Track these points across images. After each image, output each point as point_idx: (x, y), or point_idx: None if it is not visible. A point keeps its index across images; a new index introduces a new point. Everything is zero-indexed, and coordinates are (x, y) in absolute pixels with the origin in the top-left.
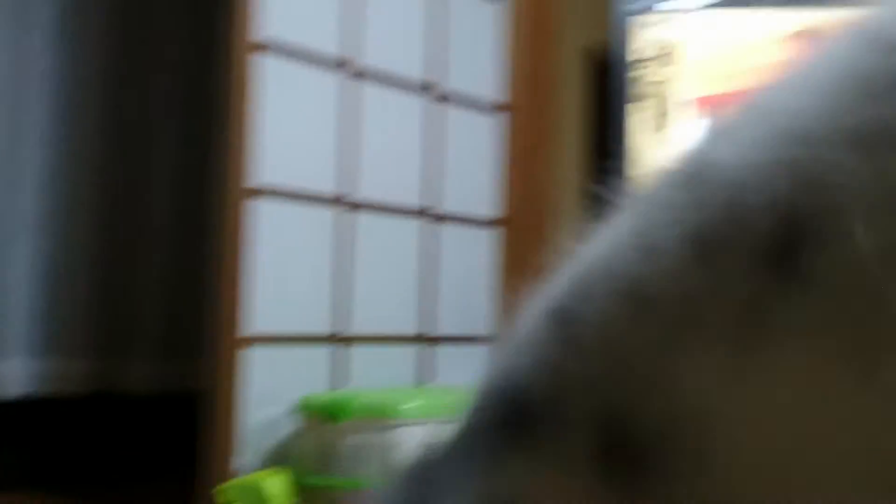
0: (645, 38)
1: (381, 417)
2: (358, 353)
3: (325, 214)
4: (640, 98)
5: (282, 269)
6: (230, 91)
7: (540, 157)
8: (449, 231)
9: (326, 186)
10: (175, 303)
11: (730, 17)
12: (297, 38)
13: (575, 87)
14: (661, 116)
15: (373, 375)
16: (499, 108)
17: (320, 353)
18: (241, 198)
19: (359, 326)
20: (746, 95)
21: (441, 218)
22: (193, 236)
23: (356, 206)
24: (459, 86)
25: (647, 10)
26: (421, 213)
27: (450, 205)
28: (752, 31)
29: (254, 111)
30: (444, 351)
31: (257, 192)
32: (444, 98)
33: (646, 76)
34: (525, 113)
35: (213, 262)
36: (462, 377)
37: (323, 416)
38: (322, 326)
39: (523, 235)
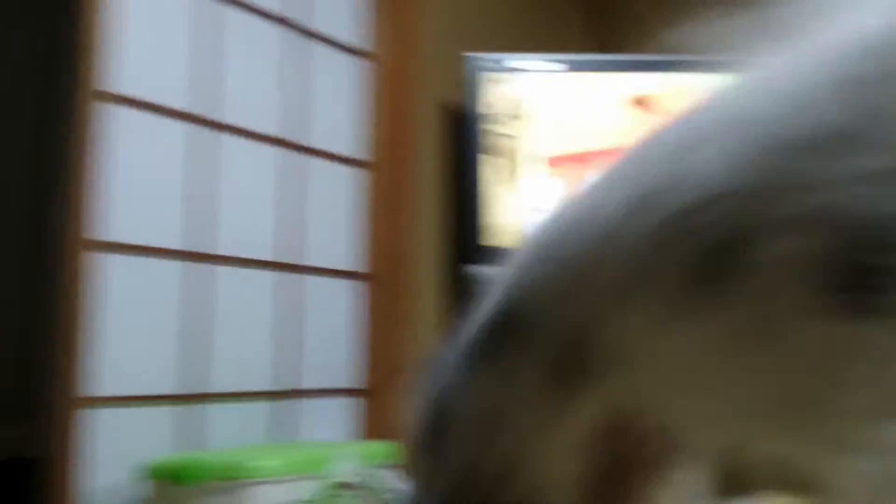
0: (497, 94)
1: (233, 478)
2: (213, 411)
3: (176, 268)
4: (493, 152)
5: (130, 325)
6: (75, 141)
7: (401, 211)
8: (312, 284)
9: (177, 241)
10: (13, 363)
11: (577, 78)
12: (148, 88)
13: (433, 141)
14: (513, 170)
15: (229, 434)
16: (360, 162)
17: (170, 414)
18: (83, 251)
19: (215, 383)
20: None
21: (303, 270)
22: (36, 292)
23: (210, 259)
24: (321, 139)
25: (499, 68)
26: (281, 265)
27: (312, 258)
28: (596, 93)
29: (99, 162)
30: (305, 406)
31: (101, 246)
32: (304, 151)
33: (498, 131)
34: (385, 167)
35: (54, 319)
36: (325, 432)
37: (171, 480)
38: (173, 385)
39: (385, 288)
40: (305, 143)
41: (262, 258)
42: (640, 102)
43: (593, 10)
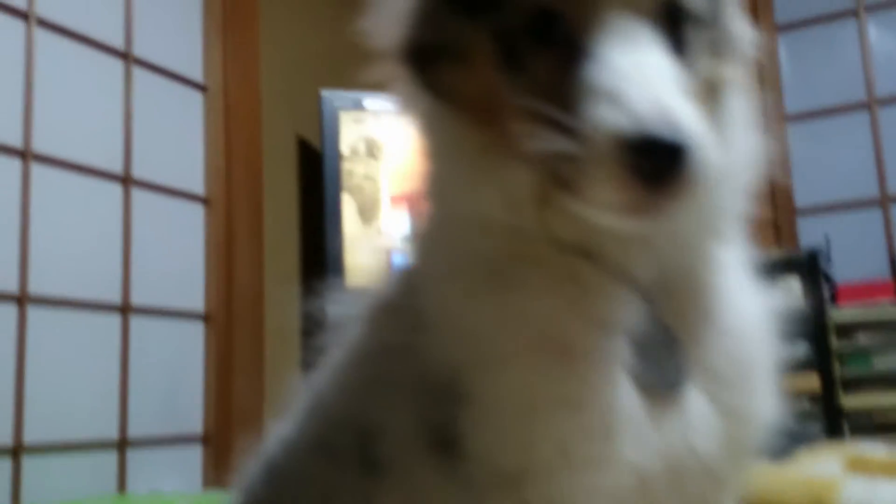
0: (354, 133)
1: None
2: (45, 463)
3: (10, 313)
4: (351, 191)
5: None
6: None
7: (250, 250)
8: (152, 326)
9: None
10: None
11: None
12: None
13: (290, 177)
14: (370, 208)
15: (62, 486)
16: (202, 199)
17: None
18: None
19: (47, 433)
20: None
21: (147, 313)
22: None
23: (37, 302)
24: (161, 175)
25: (356, 106)
26: (122, 308)
27: (156, 298)
28: None
29: None
30: (145, 455)
31: None
32: (144, 187)
33: (355, 169)
34: (233, 204)
35: None
36: (167, 480)
37: None
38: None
39: (233, 330)
40: (144, 177)
41: (105, 299)
42: None
43: None
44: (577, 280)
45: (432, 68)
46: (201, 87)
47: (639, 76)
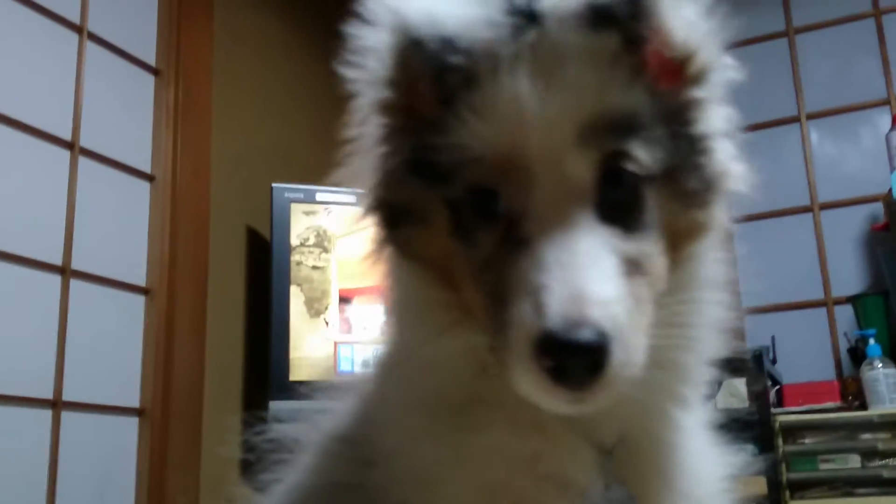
0: (305, 224)
1: None
2: None
3: None
4: (299, 281)
5: None
6: None
7: (191, 342)
8: (85, 421)
9: None
10: None
11: None
12: None
13: (238, 268)
14: (319, 300)
15: None
16: (140, 289)
17: None
18: None
19: None
20: None
21: (82, 408)
22: None
23: None
24: (102, 265)
25: (306, 199)
26: (53, 402)
27: (86, 392)
28: None
29: None
30: None
31: None
32: (83, 278)
33: (304, 261)
34: (172, 295)
35: None
36: None
37: None
38: None
39: (166, 426)
40: (86, 267)
41: (36, 393)
42: None
43: None
44: (540, 430)
45: (398, 227)
46: (149, 177)
47: (562, 271)
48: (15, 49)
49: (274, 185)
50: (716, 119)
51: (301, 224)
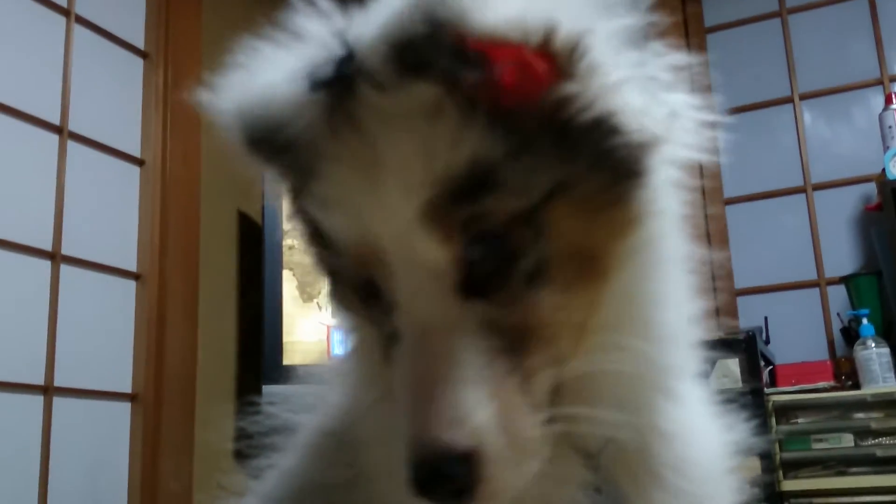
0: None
1: None
2: None
3: None
4: (291, 266)
5: None
6: None
7: (183, 327)
8: (77, 407)
9: None
10: None
11: None
12: None
13: (229, 253)
14: (312, 285)
15: None
16: (134, 275)
17: None
18: None
19: None
20: None
21: (67, 392)
22: None
23: None
24: (93, 251)
25: None
26: (45, 388)
27: (78, 378)
28: None
29: None
30: None
31: None
32: (73, 263)
33: (297, 246)
34: (163, 280)
35: None
36: None
37: None
38: None
39: (159, 411)
40: (75, 252)
41: (28, 379)
42: None
43: None
44: None
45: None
46: (138, 161)
47: (422, 388)
48: (2, 33)
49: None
50: (615, 89)
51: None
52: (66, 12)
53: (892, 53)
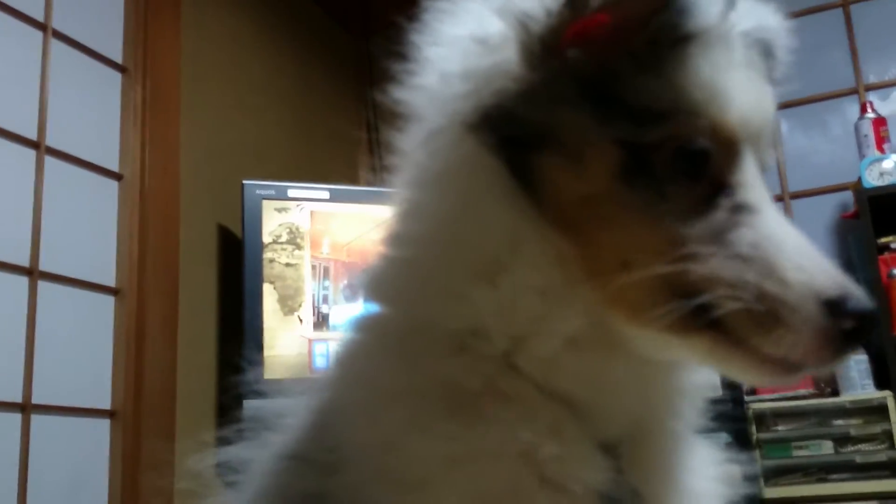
0: (277, 222)
1: None
2: None
3: None
4: (272, 279)
5: None
6: None
7: (162, 342)
8: (55, 424)
9: None
10: None
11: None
12: None
13: (209, 267)
14: (293, 298)
15: None
16: (110, 290)
17: None
18: None
19: None
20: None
21: (44, 410)
22: None
23: None
24: (71, 266)
25: (279, 195)
26: (22, 406)
27: (56, 395)
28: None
29: None
30: None
31: None
32: (51, 279)
33: (277, 258)
34: (142, 295)
35: None
36: None
37: None
38: None
39: (138, 428)
40: (52, 269)
41: (5, 397)
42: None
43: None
44: (552, 430)
45: (527, 151)
46: (117, 176)
47: (810, 247)
48: None
49: (245, 182)
50: None
51: (273, 221)
52: (42, 27)
53: (867, 63)
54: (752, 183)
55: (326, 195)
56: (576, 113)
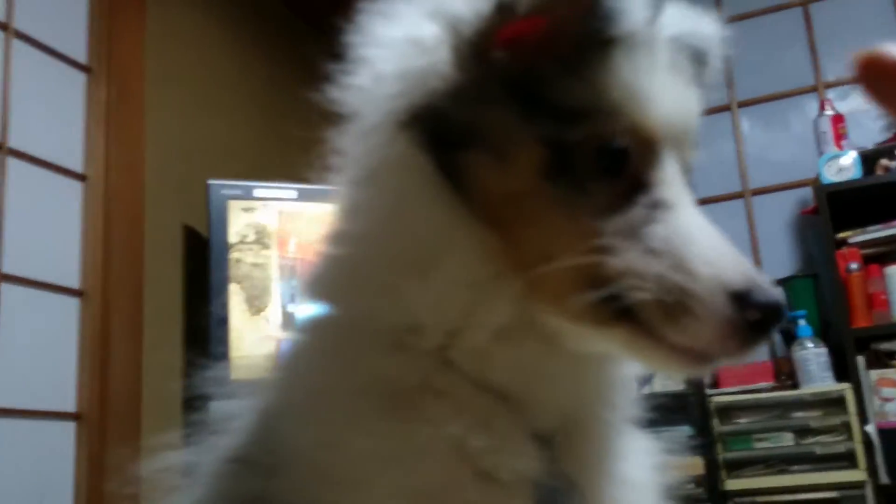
0: (243, 221)
1: None
2: None
3: None
4: (238, 279)
5: None
6: None
7: (127, 344)
8: (19, 427)
9: None
10: None
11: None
12: None
13: (175, 268)
14: (259, 297)
15: None
16: (74, 292)
17: None
18: None
19: None
20: None
21: (8, 413)
22: None
23: None
24: (34, 268)
25: (245, 195)
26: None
27: (20, 398)
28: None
29: None
30: None
31: None
32: (15, 281)
33: (244, 258)
34: (107, 297)
35: None
36: None
37: None
38: None
39: (104, 431)
40: (16, 272)
41: None
42: None
43: None
44: (486, 424)
45: (454, 149)
46: (81, 177)
47: (721, 241)
48: None
49: (210, 181)
50: None
51: (240, 221)
52: (4, 27)
53: (826, 61)
54: (671, 181)
55: (294, 194)
56: (503, 113)
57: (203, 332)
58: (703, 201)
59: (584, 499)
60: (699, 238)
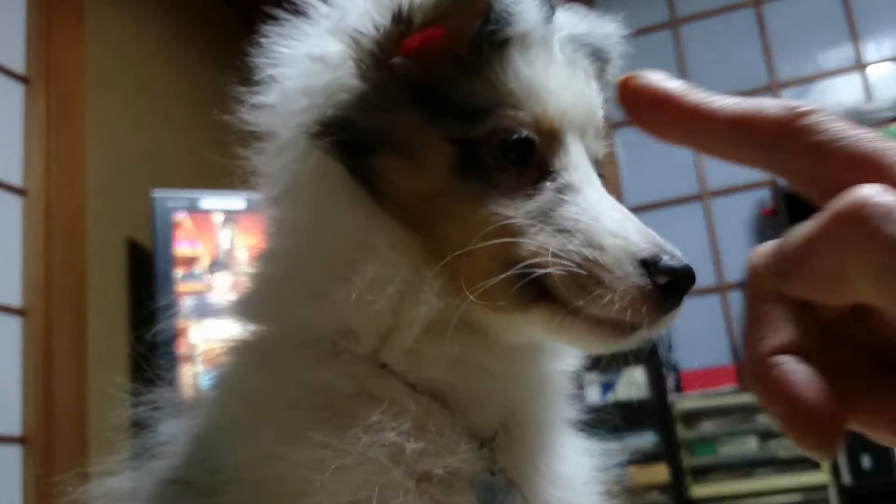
0: (189, 234)
1: None
2: None
3: None
4: (186, 294)
5: None
6: None
7: (71, 364)
8: None
9: None
10: None
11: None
12: None
13: (119, 283)
14: (205, 312)
15: None
16: (15, 311)
17: None
18: None
19: None
20: None
21: None
22: None
23: None
24: None
25: (190, 206)
26: None
27: None
28: None
29: None
30: None
31: None
32: None
33: (190, 273)
34: (49, 316)
35: None
36: None
37: None
38: None
39: (50, 453)
40: None
41: None
42: None
43: None
44: (422, 426)
45: (366, 156)
46: (20, 192)
47: (625, 214)
48: None
49: (154, 193)
50: None
51: (185, 231)
52: None
53: (779, 60)
54: (577, 166)
55: (243, 204)
56: (409, 117)
57: (150, 349)
58: (662, 204)
59: (524, 497)
60: (606, 214)
